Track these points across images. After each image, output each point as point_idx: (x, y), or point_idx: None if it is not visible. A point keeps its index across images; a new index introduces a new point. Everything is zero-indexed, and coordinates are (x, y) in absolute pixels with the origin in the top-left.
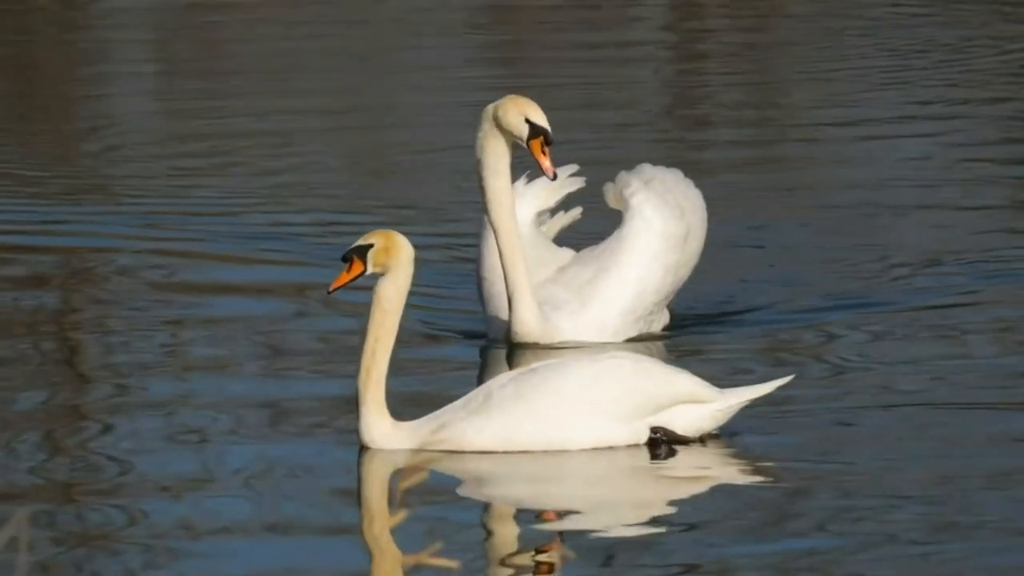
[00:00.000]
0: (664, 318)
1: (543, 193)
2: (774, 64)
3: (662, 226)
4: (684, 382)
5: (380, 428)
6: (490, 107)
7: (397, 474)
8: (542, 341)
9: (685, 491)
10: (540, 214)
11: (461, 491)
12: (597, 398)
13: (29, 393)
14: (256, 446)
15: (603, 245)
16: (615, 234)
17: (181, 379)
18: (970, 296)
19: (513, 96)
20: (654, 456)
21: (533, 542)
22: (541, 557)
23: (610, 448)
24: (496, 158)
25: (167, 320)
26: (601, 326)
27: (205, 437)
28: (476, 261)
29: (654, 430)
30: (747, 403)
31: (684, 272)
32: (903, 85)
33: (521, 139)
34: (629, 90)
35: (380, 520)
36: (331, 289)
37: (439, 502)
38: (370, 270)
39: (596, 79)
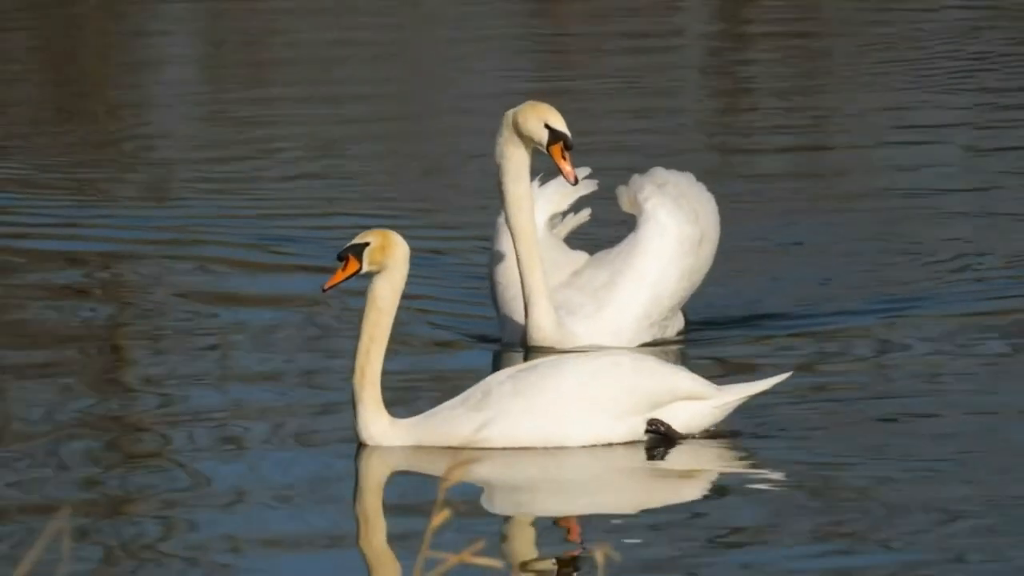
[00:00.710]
0: (679, 323)
1: (556, 196)
2: (820, 58)
3: (677, 230)
4: (682, 379)
5: (378, 425)
6: (510, 113)
7: (435, 480)
8: (558, 346)
9: (685, 489)
10: (553, 217)
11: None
12: (596, 395)
13: (73, 402)
14: (297, 455)
15: (617, 249)
16: (629, 238)
17: (225, 389)
18: (1010, 302)
19: (533, 102)
20: (651, 452)
21: (542, 540)
22: (578, 554)
23: (608, 445)
24: (516, 163)
25: (209, 329)
26: (616, 331)
27: (247, 446)
28: (489, 265)
29: (650, 422)
30: (745, 400)
31: (698, 277)
32: (954, 83)
33: (541, 145)
34: (670, 82)
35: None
36: (326, 287)
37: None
38: (365, 268)
39: (637, 70)
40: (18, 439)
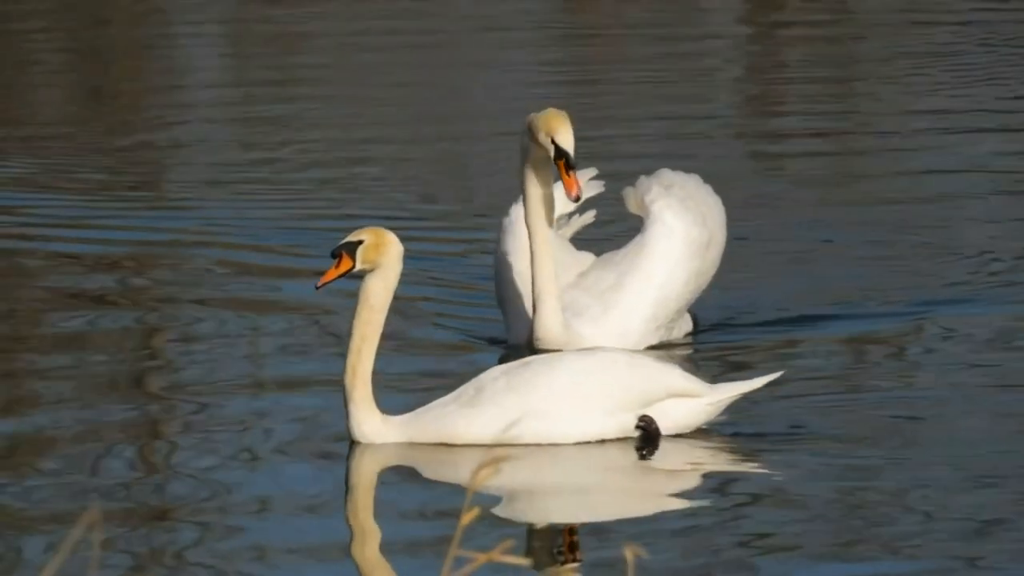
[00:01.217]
0: (686, 325)
1: (563, 197)
2: (853, 57)
3: (684, 233)
4: (675, 377)
5: (370, 423)
6: (531, 116)
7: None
8: (564, 347)
9: (678, 485)
10: (559, 218)
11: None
12: (589, 392)
13: (105, 406)
14: (324, 462)
15: (624, 250)
16: (636, 240)
17: (253, 395)
18: None
19: (550, 112)
20: (641, 449)
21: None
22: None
23: (601, 441)
24: (536, 165)
25: (237, 333)
26: (623, 333)
27: (272, 452)
28: (494, 266)
29: (641, 419)
30: (737, 398)
31: (705, 279)
32: (986, 82)
33: (549, 156)
34: (702, 83)
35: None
36: (319, 284)
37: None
38: (359, 266)
39: (666, 68)
40: (47, 445)
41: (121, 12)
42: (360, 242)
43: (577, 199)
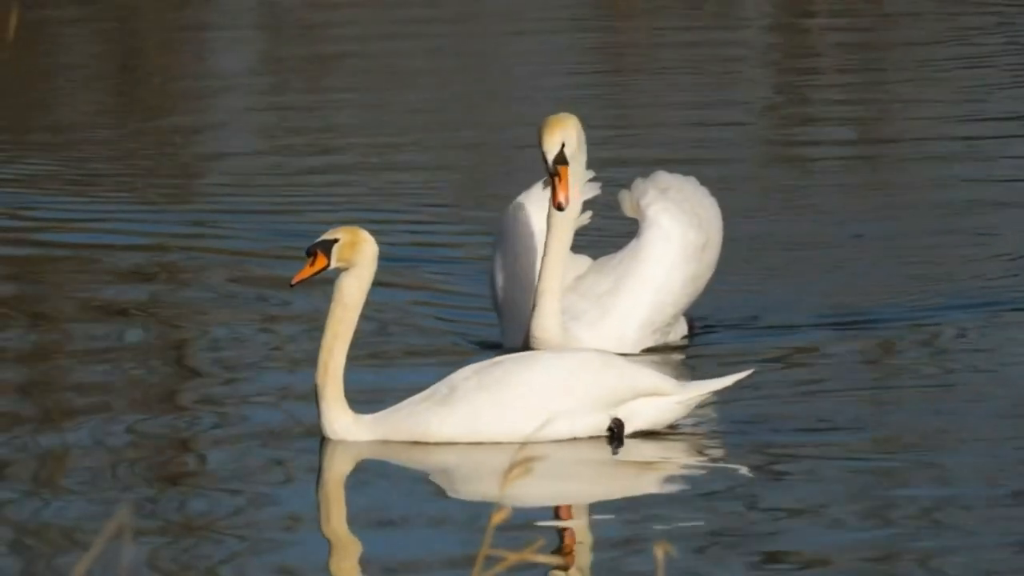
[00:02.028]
0: (681, 329)
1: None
2: (885, 60)
3: (680, 236)
4: (645, 376)
5: (341, 421)
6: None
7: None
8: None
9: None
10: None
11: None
12: (560, 390)
13: (131, 409)
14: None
15: (620, 254)
16: (632, 244)
17: (287, 373)
18: None
19: (551, 118)
20: (614, 448)
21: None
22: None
23: (573, 440)
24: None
25: (265, 324)
26: (620, 337)
27: (307, 433)
28: (490, 269)
29: (614, 422)
30: (707, 396)
31: (702, 282)
32: (1019, 78)
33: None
34: (732, 83)
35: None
36: (293, 282)
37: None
38: (333, 264)
39: (697, 61)
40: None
41: (154, 9)
42: (335, 240)
43: (560, 208)
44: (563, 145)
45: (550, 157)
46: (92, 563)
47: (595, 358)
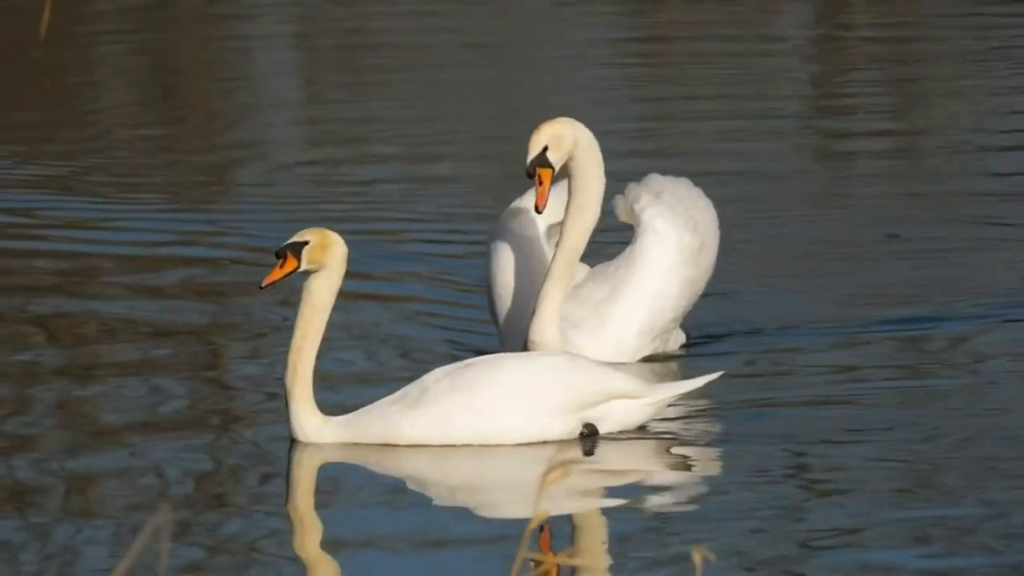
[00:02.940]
0: (680, 337)
1: (556, 205)
2: (922, 64)
3: (676, 240)
4: (615, 379)
5: (311, 423)
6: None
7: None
8: None
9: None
10: (552, 227)
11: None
12: (531, 393)
13: (169, 401)
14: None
15: (617, 261)
16: (628, 250)
17: (328, 388)
18: None
19: (545, 122)
20: (586, 451)
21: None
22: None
23: (543, 442)
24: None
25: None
26: (619, 345)
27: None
28: (487, 275)
29: (586, 426)
30: (677, 398)
31: (700, 286)
32: None
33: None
34: (770, 83)
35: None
36: (263, 284)
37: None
38: (303, 267)
39: (734, 68)
40: (115, 443)
41: (192, 13)
42: (305, 242)
43: (537, 211)
44: (545, 148)
45: (528, 159)
46: (132, 563)
47: (564, 361)
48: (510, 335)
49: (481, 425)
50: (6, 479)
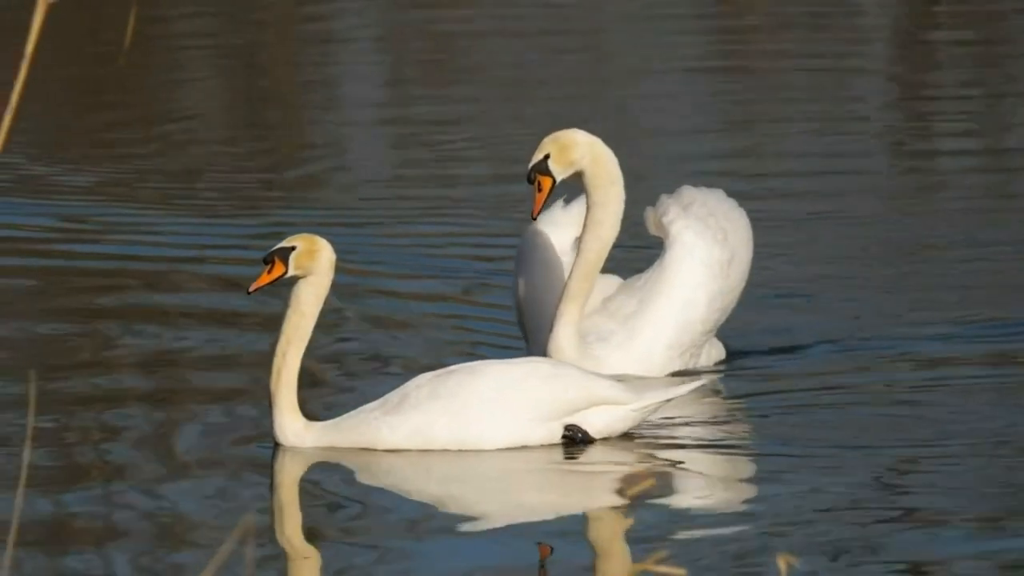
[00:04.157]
0: (718, 351)
1: (580, 218)
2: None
3: (704, 252)
4: (599, 385)
5: (293, 428)
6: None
7: (625, 478)
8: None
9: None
10: (577, 239)
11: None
12: (511, 399)
13: (240, 422)
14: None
15: (647, 274)
16: (657, 263)
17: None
18: None
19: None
20: (568, 454)
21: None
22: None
23: (524, 448)
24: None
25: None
26: (647, 359)
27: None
28: (515, 287)
29: (567, 428)
30: (662, 404)
31: (730, 299)
32: None
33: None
34: (853, 82)
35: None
36: (251, 289)
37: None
38: (291, 272)
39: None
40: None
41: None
42: (293, 248)
43: (533, 218)
44: (547, 157)
45: (529, 165)
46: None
47: (545, 367)
48: (537, 348)
49: (460, 431)
50: None
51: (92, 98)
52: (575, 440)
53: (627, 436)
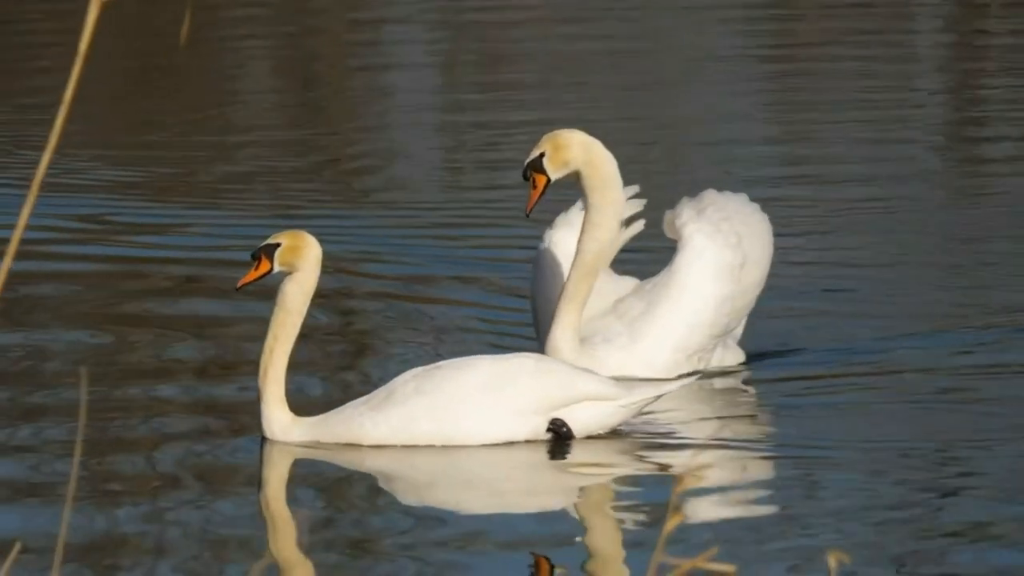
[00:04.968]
0: (733, 355)
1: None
2: None
3: (714, 256)
4: (585, 381)
5: (280, 422)
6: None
7: (669, 480)
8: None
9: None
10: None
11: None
12: (496, 395)
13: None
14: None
15: (657, 277)
16: (668, 266)
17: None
18: None
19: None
20: (553, 450)
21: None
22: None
23: (509, 443)
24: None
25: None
26: (650, 361)
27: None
28: (531, 287)
29: (551, 422)
30: (651, 401)
31: (742, 303)
32: None
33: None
34: (904, 84)
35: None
36: (238, 286)
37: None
38: (277, 268)
39: (873, 74)
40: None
41: (331, 20)
42: (278, 244)
43: (526, 215)
44: (541, 155)
45: (525, 162)
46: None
47: (531, 362)
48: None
49: (445, 427)
50: None
51: (144, 90)
52: (559, 435)
53: (655, 433)
